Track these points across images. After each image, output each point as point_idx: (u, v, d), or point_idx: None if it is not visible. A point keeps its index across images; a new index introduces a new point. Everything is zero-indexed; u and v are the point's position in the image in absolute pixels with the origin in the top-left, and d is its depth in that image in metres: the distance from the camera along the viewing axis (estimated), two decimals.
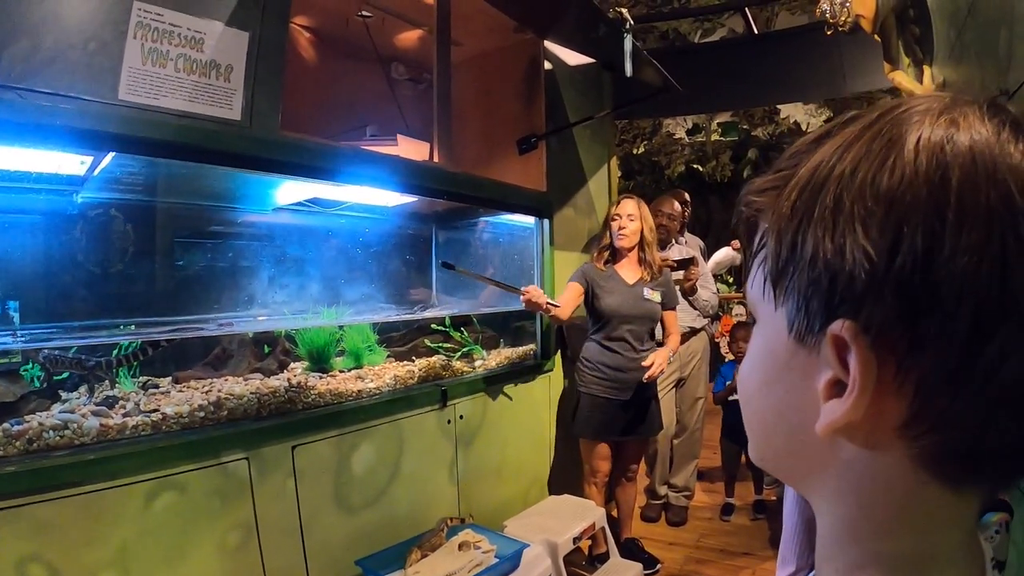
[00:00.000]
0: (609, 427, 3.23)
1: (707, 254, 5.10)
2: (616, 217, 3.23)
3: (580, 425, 3.26)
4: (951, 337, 0.34)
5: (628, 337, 3.19)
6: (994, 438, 0.37)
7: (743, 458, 4.03)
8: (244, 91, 1.97)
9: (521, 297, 2.87)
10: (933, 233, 0.34)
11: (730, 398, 4.08)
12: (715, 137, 11.81)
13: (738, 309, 8.44)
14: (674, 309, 3.40)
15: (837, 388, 0.39)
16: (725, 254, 6.61)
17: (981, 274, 0.34)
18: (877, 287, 0.36)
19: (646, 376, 3.08)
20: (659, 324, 3.35)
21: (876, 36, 2.63)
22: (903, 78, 2.57)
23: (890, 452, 0.39)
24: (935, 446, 0.38)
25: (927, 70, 2.48)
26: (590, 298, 3.22)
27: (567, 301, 3.13)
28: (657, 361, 3.09)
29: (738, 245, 6.73)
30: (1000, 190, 0.34)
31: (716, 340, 4.88)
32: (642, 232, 3.25)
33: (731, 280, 10.19)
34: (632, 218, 3.21)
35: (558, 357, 3.57)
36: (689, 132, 12.04)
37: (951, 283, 0.34)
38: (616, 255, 3.29)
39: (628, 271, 3.27)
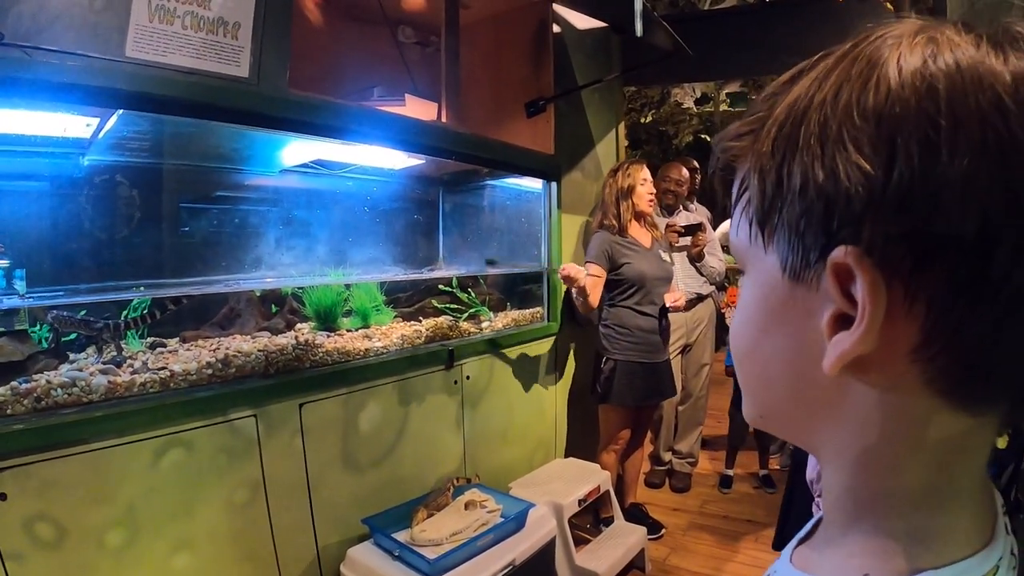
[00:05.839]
0: (645, 392, 3.25)
1: (712, 224, 5.08)
2: (643, 182, 3.26)
3: (618, 393, 3.21)
4: (959, 244, 0.33)
5: (658, 300, 3.22)
6: (1011, 347, 0.36)
7: (750, 430, 4.04)
8: (252, 48, 1.94)
9: (560, 272, 2.99)
10: (928, 140, 0.34)
11: None
12: (723, 107, 11.72)
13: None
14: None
15: (842, 322, 0.38)
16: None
17: (981, 173, 0.33)
18: (877, 205, 0.35)
19: (671, 302, 3.20)
20: None
21: (889, 5, 2.60)
22: None
23: (903, 381, 0.38)
24: (950, 366, 0.37)
25: None
26: (615, 267, 3.20)
27: (595, 288, 3.16)
28: (677, 294, 3.24)
29: None
30: (988, 94, 0.33)
31: (722, 310, 4.87)
32: None
33: None
34: (651, 182, 3.30)
35: (564, 321, 3.57)
36: (697, 102, 11.94)
37: (952, 187, 0.33)
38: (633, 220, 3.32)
39: (641, 236, 3.31)
